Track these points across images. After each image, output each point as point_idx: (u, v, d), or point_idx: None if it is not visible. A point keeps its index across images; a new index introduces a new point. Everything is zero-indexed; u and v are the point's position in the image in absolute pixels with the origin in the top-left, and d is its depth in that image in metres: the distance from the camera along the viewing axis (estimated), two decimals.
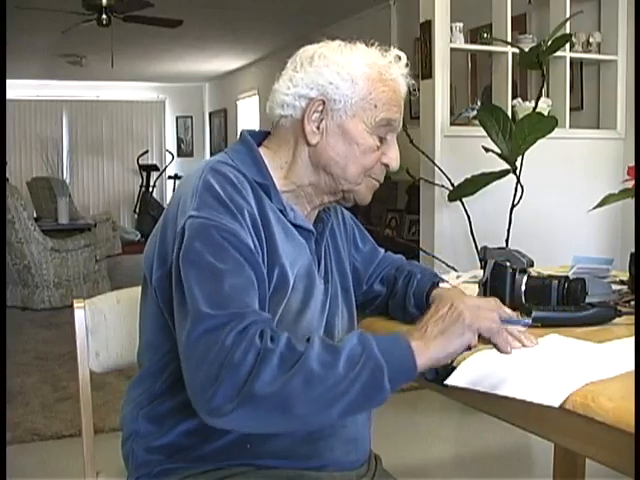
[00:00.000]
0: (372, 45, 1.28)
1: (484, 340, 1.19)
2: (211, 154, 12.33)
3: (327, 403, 1.03)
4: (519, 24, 4.45)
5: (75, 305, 1.57)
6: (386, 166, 1.30)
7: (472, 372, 1.15)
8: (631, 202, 1.99)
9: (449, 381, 1.16)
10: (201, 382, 1.03)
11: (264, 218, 1.19)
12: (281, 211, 1.24)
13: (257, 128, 1.38)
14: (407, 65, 1.28)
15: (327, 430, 1.26)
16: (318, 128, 1.25)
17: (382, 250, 1.58)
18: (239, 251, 1.11)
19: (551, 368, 1.15)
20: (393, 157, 1.29)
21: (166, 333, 1.21)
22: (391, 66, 1.26)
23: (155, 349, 1.26)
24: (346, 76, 1.22)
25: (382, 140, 1.27)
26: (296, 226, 1.26)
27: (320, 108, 1.24)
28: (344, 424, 1.29)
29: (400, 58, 1.27)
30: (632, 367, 1.12)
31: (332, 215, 1.40)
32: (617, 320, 1.44)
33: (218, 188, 1.16)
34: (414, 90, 1.31)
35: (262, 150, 1.29)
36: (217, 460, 1.23)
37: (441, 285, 1.44)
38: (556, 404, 1.04)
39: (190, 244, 1.10)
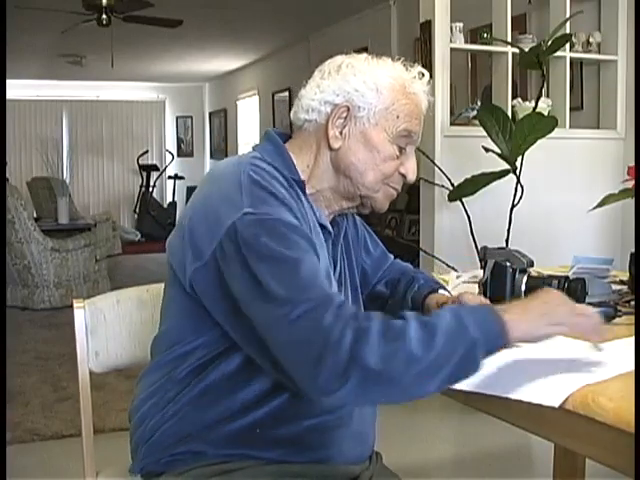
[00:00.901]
0: (398, 60, 1.33)
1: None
2: (211, 154, 12.33)
3: (426, 378, 1.07)
4: (519, 24, 4.45)
5: (75, 305, 1.57)
6: (403, 176, 1.34)
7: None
8: (631, 202, 1.99)
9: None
10: (305, 364, 1.06)
11: (303, 213, 1.23)
12: (310, 208, 1.28)
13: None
14: (429, 82, 1.34)
15: (336, 421, 1.28)
16: (341, 133, 1.29)
17: (392, 256, 1.61)
18: (303, 240, 1.16)
19: (551, 368, 1.15)
20: (410, 168, 1.33)
21: (195, 321, 1.23)
22: (414, 81, 1.32)
23: (180, 336, 1.27)
24: (372, 85, 1.27)
25: (401, 150, 1.31)
26: (320, 225, 1.30)
27: (344, 114, 1.28)
28: (352, 417, 1.31)
29: (423, 75, 1.34)
30: (632, 367, 1.12)
31: (345, 219, 1.43)
32: (617, 320, 1.44)
33: (265, 183, 1.19)
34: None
35: None
36: (226, 447, 1.24)
37: (440, 292, 1.47)
38: (556, 404, 1.05)
39: (257, 240, 1.12)
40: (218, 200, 1.18)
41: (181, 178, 12.07)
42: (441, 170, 3.62)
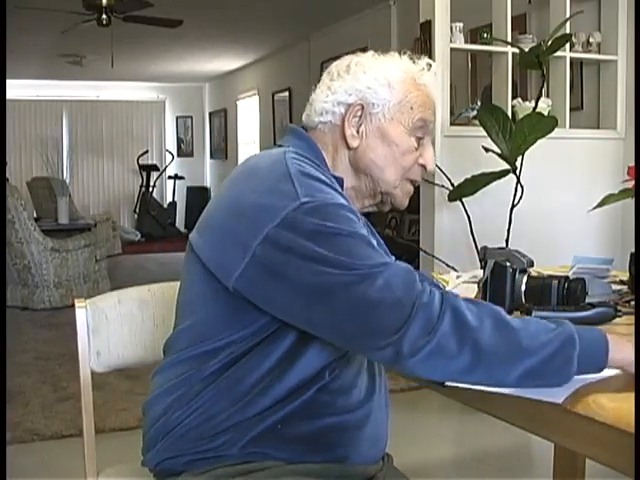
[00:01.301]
0: (404, 54, 1.35)
1: None
2: (211, 154, 12.33)
3: (512, 357, 1.06)
4: (519, 24, 4.45)
5: (76, 305, 1.57)
6: (423, 167, 1.35)
7: None
8: (631, 202, 2.00)
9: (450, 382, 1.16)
10: (393, 323, 1.07)
11: None
12: None
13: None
14: (435, 74, 1.36)
15: (356, 422, 1.28)
16: (358, 132, 1.31)
17: (393, 258, 1.60)
18: (360, 222, 1.19)
19: None
20: (429, 158, 1.35)
21: (232, 317, 1.21)
22: (423, 73, 1.34)
23: (210, 332, 1.23)
24: (383, 81, 1.29)
25: (419, 142, 1.33)
26: None
27: (359, 113, 1.30)
28: (369, 419, 1.30)
29: (431, 66, 1.35)
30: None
31: None
32: (617, 320, 1.44)
33: (313, 173, 1.20)
34: None
35: None
36: (250, 446, 1.22)
37: None
38: (559, 400, 1.05)
39: (322, 224, 1.13)
40: (264, 193, 1.17)
41: (181, 178, 12.07)
42: (441, 170, 3.62)
